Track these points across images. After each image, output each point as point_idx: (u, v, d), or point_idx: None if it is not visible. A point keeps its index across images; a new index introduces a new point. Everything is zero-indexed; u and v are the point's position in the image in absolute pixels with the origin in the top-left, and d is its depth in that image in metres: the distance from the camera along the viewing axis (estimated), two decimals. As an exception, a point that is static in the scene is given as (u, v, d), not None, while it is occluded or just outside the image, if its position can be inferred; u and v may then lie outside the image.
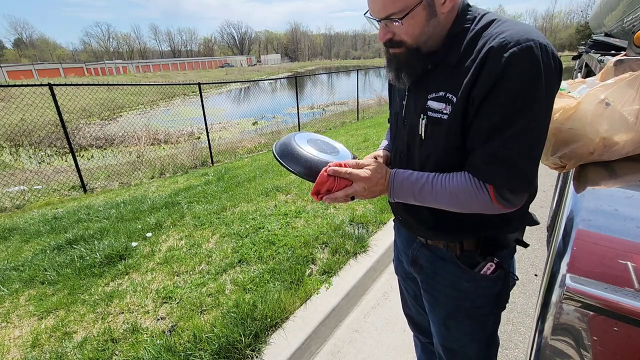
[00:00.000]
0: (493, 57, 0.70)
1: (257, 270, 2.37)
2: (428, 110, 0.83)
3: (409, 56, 0.83)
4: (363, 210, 3.22)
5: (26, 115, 10.10)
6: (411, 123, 0.91)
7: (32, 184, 6.16)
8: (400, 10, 0.75)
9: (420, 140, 0.88)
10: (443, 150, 0.84)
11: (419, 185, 0.83)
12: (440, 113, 0.81)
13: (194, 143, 9.49)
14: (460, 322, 1.01)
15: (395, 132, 1.03)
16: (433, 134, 0.84)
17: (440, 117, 0.81)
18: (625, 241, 1.03)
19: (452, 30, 0.80)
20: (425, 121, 0.84)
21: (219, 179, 4.97)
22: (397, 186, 0.85)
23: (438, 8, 0.76)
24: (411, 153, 0.94)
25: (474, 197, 0.78)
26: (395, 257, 1.26)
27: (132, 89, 19.68)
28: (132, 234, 3.06)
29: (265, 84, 26.34)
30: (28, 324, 2.05)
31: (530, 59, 0.68)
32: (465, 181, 0.79)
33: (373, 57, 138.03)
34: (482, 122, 0.74)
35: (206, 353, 1.69)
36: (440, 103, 0.80)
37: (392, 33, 0.82)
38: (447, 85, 0.79)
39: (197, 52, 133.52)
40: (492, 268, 0.90)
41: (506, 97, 0.70)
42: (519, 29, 0.71)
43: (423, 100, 0.85)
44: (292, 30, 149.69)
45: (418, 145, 0.89)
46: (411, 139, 0.92)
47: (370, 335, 2.05)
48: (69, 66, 57.60)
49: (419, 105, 0.86)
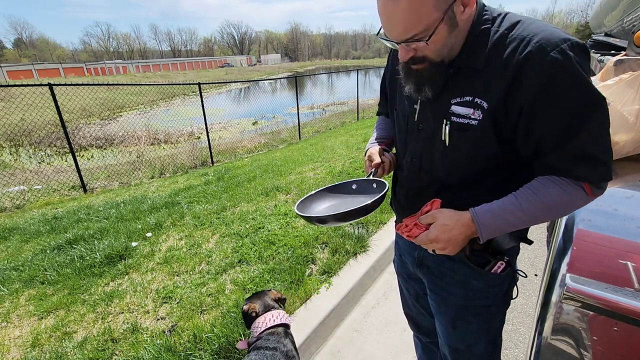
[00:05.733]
0: (535, 62, 0.68)
1: (257, 270, 2.37)
2: (452, 116, 0.80)
3: (432, 71, 0.79)
4: (363, 210, 3.22)
5: (26, 115, 10.10)
6: (429, 128, 0.87)
7: (32, 184, 6.16)
8: (423, 30, 0.71)
9: (444, 146, 0.84)
10: (471, 156, 0.82)
11: (509, 215, 0.76)
12: (467, 118, 0.78)
13: (194, 143, 9.51)
14: (469, 321, 1.00)
15: (404, 135, 0.98)
16: (460, 139, 0.81)
17: (468, 123, 0.78)
18: (625, 241, 1.03)
19: (471, 32, 0.77)
20: (449, 127, 0.81)
21: (219, 179, 4.97)
22: (485, 224, 0.77)
23: (458, 17, 0.73)
24: (430, 159, 0.90)
25: (573, 199, 0.75)
26: (397, 258, 1.25)
27: (132, 89, 19.67)
28: (132, 234, 3.06)
29: (265, 84, 26.35)
30: (28, 323, 2.05)
31: (574, 60, 0.67)
32: (557, 187, 0.74)
33: (373, 57, 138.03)
34: (548, 126, 0.71)
35: (206, 353, 1.69)
36: (467, 108, 0.78)
37: (414, 50, 0.77)
38: (474, 89, 0.77)
39: (197, 52, 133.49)
40: (502, 267, 0.90)
41: (567, 98, 0.68)
42: (550, 30, 0.70)
43: (445, 105, 0.81)
44: (292, 30, 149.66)
45: (441, 152, 0.85)
46: (428, 145, 0.89)
47: (370, 335, 2.05)
48: (69, 66, 57.58)
49: (441, 110, 0.83)
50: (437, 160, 0.88)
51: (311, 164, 5.15)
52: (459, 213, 0.80)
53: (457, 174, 0.86)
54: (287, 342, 1.29)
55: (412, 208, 0.96)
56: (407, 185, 1.01)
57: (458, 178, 0.87)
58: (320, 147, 6.93)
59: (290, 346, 1.29)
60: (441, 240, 0.79)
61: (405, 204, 1.05)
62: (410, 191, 1.00)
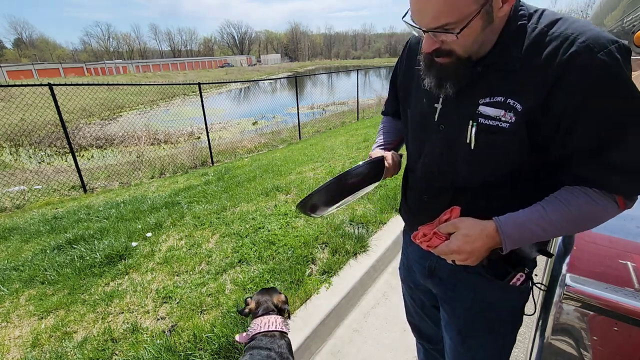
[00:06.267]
0: (580, 63, 0.63)
1: (257, 270, 2.37)
2: (479, 117, 0.75)
3: (457, 66, 0.74)
4: (363, 210, 3.22)
5: (26, 115, 10.10)
6: (452, 129, 0.81)
7: (32, 184, 6.16)
8: (455, 21, 0.65)
9: (468, 149, 0.78)
10: (497, 161, 0.77)
11: (535, 226, 0.72)
12: (497, 120, 0.72)
13: (194, 143, 9.51)
14: (481, 335, 0.95)
15: (420, 135, 0.92)
16: (488, 143, 0.75)
17: (498, 125, 0.72)
18: (625, 241, 1.03)
19: (505, 29, 0.71)
20: (475, 129, 0.75)
21: (219, 179, 4.97)
22: (510, 235, 0.72)
23: (496, 12, 0.67)
24: (450, 162, 0.84)
25: (604, 212, 0.70)
26: (404, 266, 1.19)
27: (132, 88, 19.67)
28: (132, 234, 3.06)
29: (265, 83, 26.36)
30: (28, 323, 2.05)
31: (622, 63, 0.63)
32: (588, 199, 0.70)
33: (373, 57, 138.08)
34: (588, 134, 0.66)
35: (206, 353, 1.69)
36: (497, 109, 0.72)
37: (440, 42, 0.71)
38: (506, 89, 0.71)
39: (197, 52, 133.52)
40: (522, 279, 0.83)
41: (613, 105, 0.64)
42: (596, 30, 0.65)
43: (472, 105, 0.76)
44: (292, 30, 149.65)
45: (464, 155, 0.80)
46: (449, 147, 0.83)
47: (370, 335, 2.05)
48: (68, 66, 57.58)
49: (467, 110, 0.77)
50: (458, 163, 0.82)
51: (311, 164, 5.15)
52: (482, 223, 0.74)
53: (478, 179, 0.81)
54: (282, 343, 1.29)
55: (425, 214, 0.92)
56: (420, 188, 0.95)
57: (479, 183, 0.82)
58: (320, 147, 6.93)
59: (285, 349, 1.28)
60: (464, 252, 0.73)
61: (418, 209, 0.99)
62: (425, 195, 0.94)
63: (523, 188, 0.79)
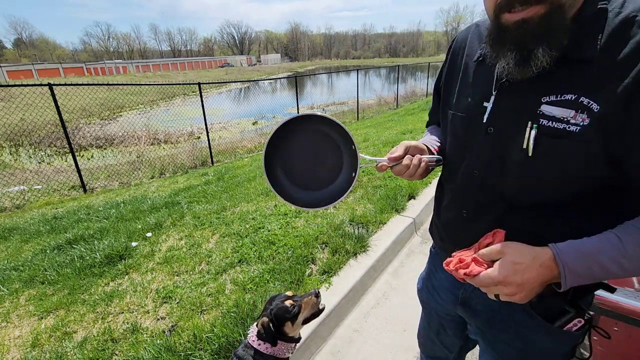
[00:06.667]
0: None
1: (257, 270, 2.37)
2: (541, 118, 0.62)
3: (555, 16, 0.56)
4: (363, 210, 3.22)
5: (26, 115, 10.08)
6: (504, 132, 0.69)
7: (32, 184, 6.16)
8: None
9: (525, 157, 0.65)
10: (562, 173, 0.62)
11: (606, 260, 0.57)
12: (565, 122, 0.60)
13: (194, 143, 9.50)
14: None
15: (463, 141, 0.78)
16: (550, 150, 0.62)
17: (565, 128, 0.60)
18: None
19: (581, 12, 0.59)
20: (535, 132, 0.63)
21: (219, 179, 4.97)
22: (573, 267, 0.58)
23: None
24: (500, 172, 0.71)
25: None
26: (426, 289, 1.05)
27: (132, 88, 19.67)
28: (132, 234, 3.06)
29: (265, 83, 26.36)
30: (28, 323, 2.04)
31: None
32: None
33: (373, 57, 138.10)
34: None
35: (206, 353, 1.69)
36: (565, 109, 0.60)
37: None
38: (579, 85, 0.59)
39: (197, 52, 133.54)
40: (579, 324, 0.68)
41: None
42: None
43: (532, 104, 0.64)
44: (292, 30, 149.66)
45: (519, 164, 0.66)
46: (500, 154, 0.69)
47: (370, 335, 2.05)
48: (68, 66, 57.60)
49: (525, 110, 0.65)
50: (510, 174, 0.69)
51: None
52: (535, 249, 0.61)
53: (534, 194, 0.67)
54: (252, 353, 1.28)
55: (463, 234, 0.80)
56: (460, 202, 0.81)
57: (534, 199, 0.68)
58: (320, 147, 6.92)
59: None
60: (511, 284, 0.60)
61: (455, 227, 0.84)
62: (465, 211, 0.80)
63: (590, 210, 0.65)
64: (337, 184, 0.88)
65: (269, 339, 1.25)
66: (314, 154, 0.88)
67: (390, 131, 7.23)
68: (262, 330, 1.27)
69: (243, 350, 1.29)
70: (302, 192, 0.89)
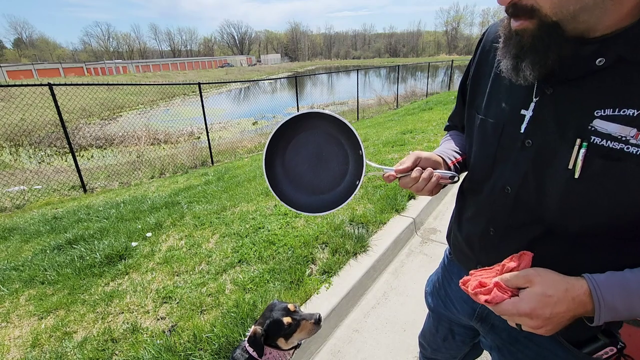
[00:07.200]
0: None
1: (257, 270, 2.37)
2: (593, 135, 0.53)
3: (537, 35, 0.52)
4: (363, 210, 3.22)
5: (26, 115, 10.09)
6: (546, 148, 0.60)
7: (32, 184, 6.16)
8: None
9: (569, 178, 0.56)
10: (616, 201, 0.54)
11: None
12: (623, 142, 0.51)
13: (194, 143, 9.52)
14: None
15: (493, 151, 0.69)
16: (603, 174, 0.53)
17: (623, 149, 0.51)
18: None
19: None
20: (585, 151, 0.54)
21: (219, 179, 4.97)
22: (612, 303, 0.51)
23: None
24: (538, 192, 0.62)
25: None
26: (438, 296, 0.99)
27: (132, 88, 19.69)
28: (132, 234, 3.06)
29: (265, 83, 26.36)
30: (28, 323, 2.04)
31: None
32: None
33: (373, 57, 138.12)
34: None
35: (206, 353, 1.69)
36: (625, 127, 0.51)
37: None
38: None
39: (197, 52, 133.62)
40: (610, 353, 0.61)
41: None
42: None
43: (582, 117, 0.55)
44: (292, 30, 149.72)
45: (562, 185, 0.57)
46: (539, 172, 0.61)
47: (370, 335, 2.05)
48: (68, 66, 57.61)
49: (573, 123, 0.56)
50: (550, 195, 0.60)
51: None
52: (568, 280, 0.54)
53: (577, 220, 0.58)
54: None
55: (488, 252, 0.72)
56: (488, 219, 0.73)
57: (577, 226, 0.59)
58: (320, 147, 6.92)
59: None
60: (538, 317, 0.53)
61: (479, 245, 0.76)
62: (493, 228, 0.71)
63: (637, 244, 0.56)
64: (340, 190, 0.83)
65: (256, 349, 1.24)
66: (318, 156, 0.83)
67: (390, 131, 7.23)
68: (253, 338, 1.25)
69: (240, 353, 1.29)
70: (302, 194, 0.85)
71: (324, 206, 0.82)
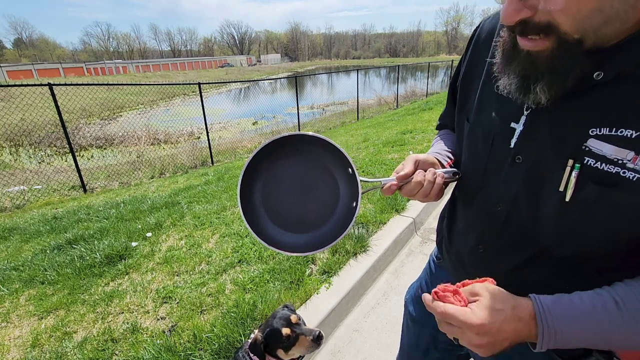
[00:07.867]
0: None
1: (257, 270, 2.37)
2: (587, 155, 0.49)
3: (559, 56, 0.45)
4: (363, 210, 3.22)
5: (26, 115, 10.08)
6: (536, 166, 0.55)
7: (32, 184, 6.16)
8: None
9: (560, 201, 0.52)
10: (609, 228, 0.50)
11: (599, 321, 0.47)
12: (619, 166, 0.46)
13: (194, 143, 9.52)
14: None
15: (486, 165, 0.64)
16: (595, 199, 0.49)
17: (619, 174, 0.46)
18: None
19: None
20: (577, 173, 0.49)
21: (219, 179, 4.97)
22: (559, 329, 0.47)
23: None
24: (530, 212, 0.57)
25: None
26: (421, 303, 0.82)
27: (132, 88, 19.69)
28: (132, 234, 3.06)
29: (265, 83, 26.35)
30: (28, 323, 2.05)
31: None
32: None
33: (373, 57, 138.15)
34: None
35: (206, 353, 1.69)
36: (622, 149, 0.46)
37: (534, 9, 0.44)
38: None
39: (197, 52, 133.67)
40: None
41: None
42: None
43: (575, 135, 0.50)
44: (292, 30, 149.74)
45: (553, 208, 0.53)
46: (530, 191, 0.57)
47: (370, 335, 2.05)
48: (68, 66, 57.64)
49: (566, 142, 0.51)
50: (542, 216, 0.56)
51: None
52: (515, 297, 0.50)
53: (574, 246, 0.54)
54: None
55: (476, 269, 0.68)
56: (477, 235, 0.68)
57: (572, 252, 0.55)
58: (320, 147, 6.91)
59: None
60: (485, 333, 0.48)
61: (469, 262, 0.72)
62: (482, 246, 0.67)
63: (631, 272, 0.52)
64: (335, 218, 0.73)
65: (257, 356, 1.24)
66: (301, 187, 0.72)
67: (390, 131, 7.23)
68: (254, 345, 1.26)
69: (242, 355, 1.30)
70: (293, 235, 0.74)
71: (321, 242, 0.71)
